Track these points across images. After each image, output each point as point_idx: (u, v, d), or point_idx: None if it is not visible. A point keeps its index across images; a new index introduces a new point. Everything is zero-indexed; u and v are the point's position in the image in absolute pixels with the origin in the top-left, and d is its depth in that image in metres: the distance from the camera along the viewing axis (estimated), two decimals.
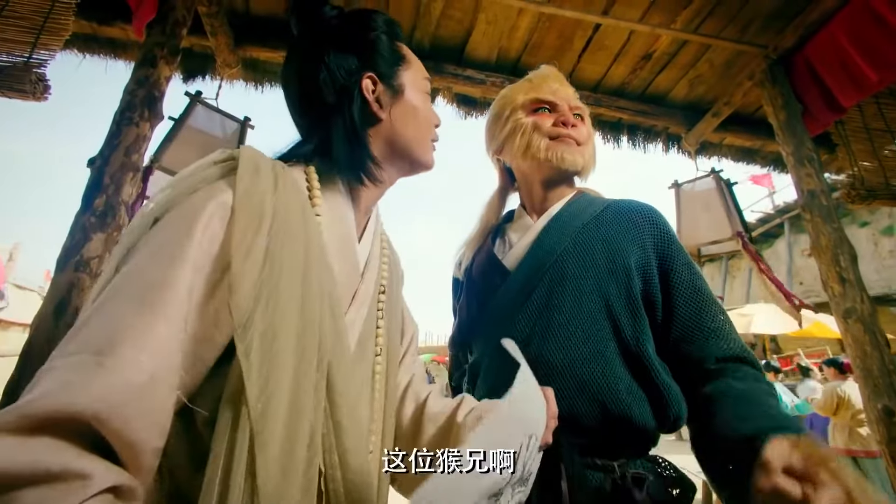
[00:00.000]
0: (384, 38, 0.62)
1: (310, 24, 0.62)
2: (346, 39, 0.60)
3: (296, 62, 0.62)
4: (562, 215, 0.79)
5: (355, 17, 0.63)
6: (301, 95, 0.61)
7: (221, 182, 0.46)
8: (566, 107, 0.82)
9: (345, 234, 0.58)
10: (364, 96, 0.59)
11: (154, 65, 1.53)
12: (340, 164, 0.57)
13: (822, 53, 2.01)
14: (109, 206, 1.31)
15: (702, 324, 0.68)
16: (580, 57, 2.37)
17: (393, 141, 0.61)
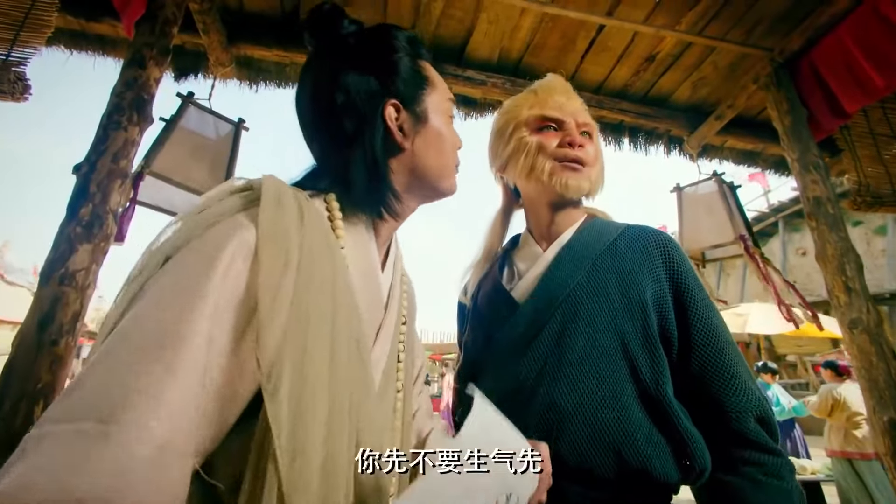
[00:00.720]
0: (407, 60, 0.57)
1: (326, 40, 0.57)
2: (367, 60, 0.56)
3: (310, 83, 0.57)
4: (573, 245, 0.75)
5: (376, 35, 0.58)
6: (316, 120, 0.57)
7: (242, 216, 0.42)
8: (573, 124, 0.77)
9: (369, 266, 0.55)
10: (386, 125, 0.54)
11: (143, 66, 1.46)
12: (359, 196, 0.53)
13: (828, 57, 1.98)
14: (96, 216, 1.25)
15: (720, 369, 0.64)
16: (583, 58, 2.32)
17: (416, 171, 0.57)
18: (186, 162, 1.78)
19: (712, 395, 0.63)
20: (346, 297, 0.46)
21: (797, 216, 13.05)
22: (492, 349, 0.72)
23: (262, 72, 2.38)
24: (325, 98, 0.54)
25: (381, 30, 0.59)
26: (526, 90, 0.85)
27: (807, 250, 12.93)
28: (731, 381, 0.63)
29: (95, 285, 1.23)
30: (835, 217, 1.83)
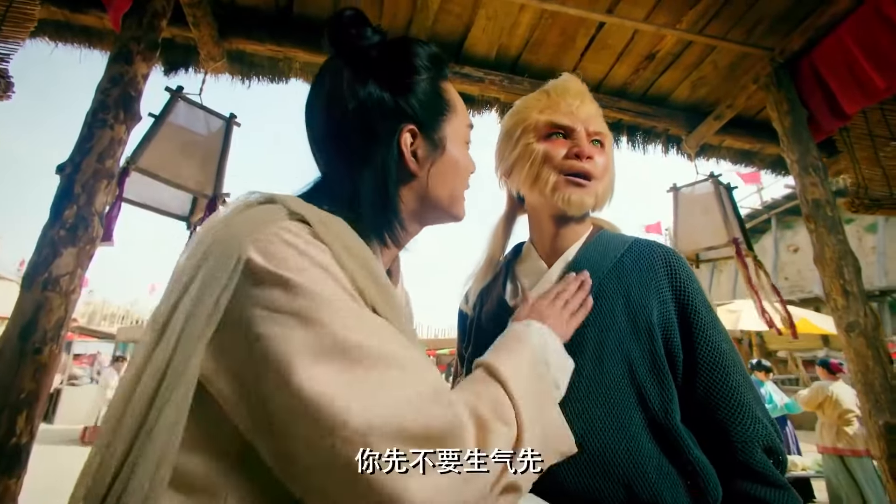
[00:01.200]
0: (428, 83, 0.54)
1: (346, 48, 0.54)
2: (387, 77, 0.52)
3: (325, 93, 0.54)
4: (579, 263, 0.71)
5: (398, 50, 0.55)
6: (327, 133, 0.54)
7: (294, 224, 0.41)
8: (583, 133, 0.73)
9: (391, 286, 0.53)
10: (401, 150, 0.52)
11: (130, 61, 1.40)
12: (365, 222, 0.50)
13: (828, 58, 1.96)
14: (81, 218, 1.20)
15: (726, 395, 0.62)
16: (582, 56, 2.29)
17: (426, 199, 0.55)
18: (175, 158, 1.73)
19: (718, 423, 0.61)
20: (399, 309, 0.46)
21: (790, 213, 13.19)
22: None
23: (255, 66, 2.32)
24: (340, 111, 0.51)
25: (404, 45, 0.55)
26: (539, 90, 0.81)
27: (799, 247, 13.06)
28: (739, 408, 0.61)
29: (81, 290, 1.19)
30: (833, 220, 1.82)
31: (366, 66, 0.52)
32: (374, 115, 0.51)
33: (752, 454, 0.59)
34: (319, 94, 0.54)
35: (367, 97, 0.51)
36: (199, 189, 1.74)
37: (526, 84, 2.37)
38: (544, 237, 0.77)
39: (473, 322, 0.80)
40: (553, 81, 0.80)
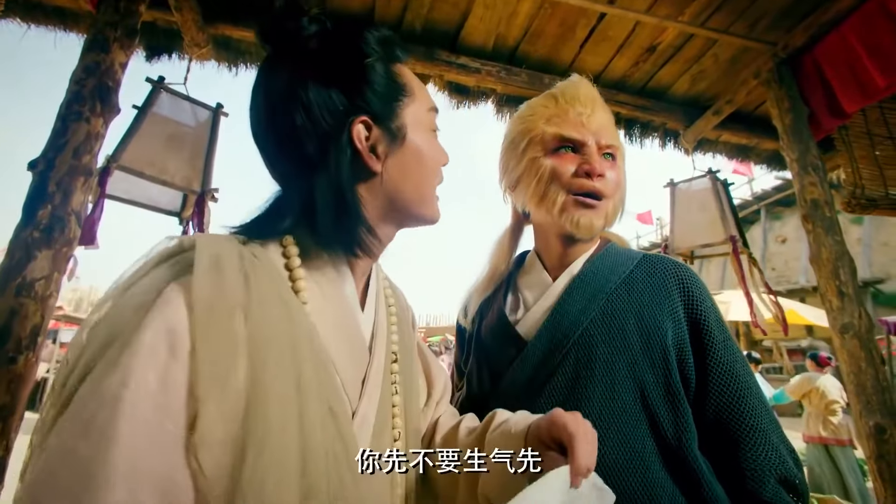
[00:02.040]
0: (379, 67, 0.48)
1: (282, 44, 0.48)
2: (331, 68, 0.46)
3: (264, 98, 0.48)
4: (586, 276, 0.68)
5: (341, 37, 0.49)
6: (272, 141, 0.48)
7: (173, 291, 0.35)
8: (594, 148, 0.68)
9: (343, 313, 0.48)
10: (355, 146, 0.46)
11: (106, 49, 1.31)
12: (326, 234, 0.46)
13: (831, 55, 1.93)
14: (56, 218, 1.13)
15: (738, 420, 0.59)
16: (582, 47, 2.23)
17: (391, 197, 0.49)
18: (160, 153, 1.65)
19: (729, 448, 0.58)
20: (314, 363, 0.40)
21: (779, 204, 13.31)
22: (499, 391, 0.66)
23: (242, 53, 2.22)
24: (282, 116, 0.46)
25: (347, 30, 0.49)
26: (546, 94, 0.76)
27: (787, 238, 13.23)
28: (752, 433, 0.58)
29: (58, 295, 1.13)
30: (831, 220, 1.81)
31: (305, 60, 0.47)
32: (320, 114, 0.45)
33: (762, 483, 0.56)
34: (259, 101, 0.48)
35: (309, 94, 0.45)
36: (187, 185, 1.67)
37: (524, 76, 2.30)
38: (551, 253, 0.74)
39: (472, 336, 0.77)
40: (562, 85, 0.75)
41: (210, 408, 0.31)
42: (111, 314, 0.35)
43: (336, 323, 0.46)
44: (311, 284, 0.46)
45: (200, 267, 0.36)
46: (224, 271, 0.36)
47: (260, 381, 0.34)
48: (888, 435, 1.59)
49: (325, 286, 0.47)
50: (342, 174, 0.45)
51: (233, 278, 0.37)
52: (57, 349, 10.07)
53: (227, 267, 0.37)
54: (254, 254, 0.41)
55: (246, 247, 0.42)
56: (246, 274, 0.38)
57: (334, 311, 0.47)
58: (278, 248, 0.46)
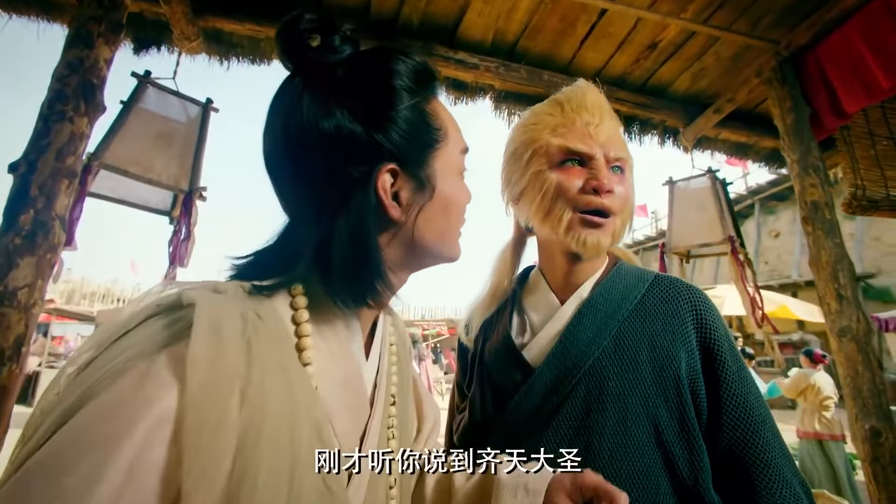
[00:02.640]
0: (413, 110, 0.43)
1: (305, 66, 0.43)
2: (360, 105, 0.41)
3: (282, 124, 0.42)
4: (596, 302, 0.65)
5: (374, 68, 0.43)
6: (287, 174, 0.43)
7: (164, 360, 0.30)
8: (602, 161, 0.64)
9: (348, 373, 0.44)
10: (379, 196, 0.42)
11: (90, 44, 1.26)
12: (340, 286, 0.42)
13: (834, 54, 1.90)
14: (39, 223, 1.08)
15: (752, 455, 0.56)
16: (582, 43, 2.18)
17: (413, 246, 0.45)
18: (146, 151, 1.60)
19: (741, 484, 0.56)
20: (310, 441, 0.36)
21: (773, 198, 13.38)
22: (503, 418, 0.64)
23: (234, 46, 2.15)
24: (301, 147, 0.41)
25: (380, 60, 0.44)
26: (551, 100, 0.72)
27: (780, 232, 13.33)
28: (765, 469, 0.56)
29: (43, 303, 1.09)
30: (832, 223, 1.80)
31: (332, 90, 0.42)
32: (344, 154, 0.41)
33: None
34: (276, 124, 0.43)
35: (334, 130, 0.40)
36: (174, 184, 1.62)
37: (523, 72, 2.26)
38: (556, 270, 0.70)
39: (476, 358, 0.74)
40: (568, 91, 0.72)
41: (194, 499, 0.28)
42: (90, 374, 0.31)
43: (340, 382, 0.43)
44: (317, 341, 0.42)
45: (199, 334, 0.31)
46: (225, 341, 0.32)
47: (251, 464, 0.31)
48: (883, 438, 1.59)
49: (333, 343, 0.43)
50: (366, 226, 0.41)
51: (234, 350, 0.32)
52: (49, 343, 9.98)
53: (229, 335, 0.32)
54: (258, 313, 0.36)
55: (251, 300, 0.38)
56: (249, 342, 0.33)
57: (339, 371, 0.43)
58: (286, 297, 0.42)
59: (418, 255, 0.46)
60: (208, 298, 0.34)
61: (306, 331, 0.41)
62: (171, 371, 0.30)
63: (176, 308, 0.34)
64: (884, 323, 5.27)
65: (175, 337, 0.32)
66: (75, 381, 0.31)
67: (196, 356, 0.30)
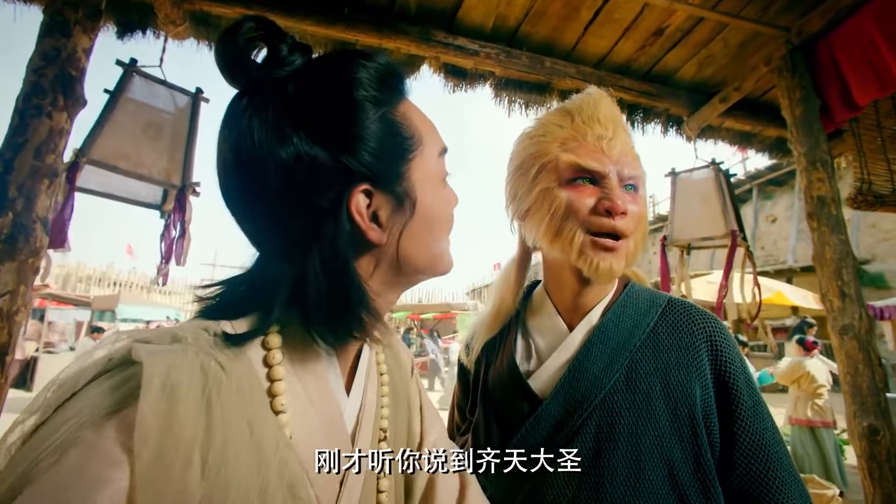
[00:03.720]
0: (379, 123, 0.38)
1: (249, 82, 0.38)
2: (316, 123, 0.36)
3: (233, 158, 0.37)
4: (606, 329, 0.61)
5: (329, 80, 0.38)
6: (248, 211, 0.39)
7: (111, 428, 0.27)
8: (615, 180, 0.60)
9: (325, 415, 0.40)
10: (355, 221, 0.38)
11: (66, 32, 1.18)
12: (318, 321, 0.38)
13: (847, 42, 1.84)
14: (19, 227, 1.03)
15: (767, 493, 0.54)
16: (586, 29, 2.10)
17: (399, 266, 0.42)
18: (135, 144, 1.53)
19: None
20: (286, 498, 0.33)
21: (771, 183, 13.34)
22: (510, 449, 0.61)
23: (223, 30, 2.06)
24: (257, 181, 0.36)
25: (334, 68, 0.39)
26: (560, 109, 0.67)
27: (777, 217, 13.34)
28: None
29: (28, 310, 1.05)
30: (837, 218, 1.77)
31: (285, 110, 0.37)
32: (307, 182, 0.36)
33: None
34: (227, 153, 0.38)
35: (292, 159, 0.36)
36: (166, 179, 1.56)
37: (524, 58, 2.18)
38: (564, 292, 0.66)
39: (479, 381, 0.70)
40: (578, 98, 0.66)
41: None
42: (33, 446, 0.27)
43: (318, 426, 0.39)
44: (292, 384, 0.38)
45: (147, 399, 0.27)
46: (179, 403, 0.28)
47: None
48: (881, 436, 1.60)
49: (310, 384, 0.40)
50: (337, 254, 0.37)
51: (190, 413, 0.29)
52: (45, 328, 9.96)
53: (184, 396, 0.29)
54: (221, 364, 0.33)
55: (215, 348, 0.34)
56: (209, 401, 0.30)
57: (317, 415, 0.39)
58: (258, 343, 0.38)
59: (407, 273, 0.43)
60: (161, 353, 0.30)
61: (278, 374, 0.37)
62: (119, 444, 0.26)
63: (126, 364, 0.30)
64: (878, 311, 5.31)
65: (123, 401, 0.28)
66: (19, 454, 0.28)
67: (145, 425, 0.27)
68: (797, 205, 12.03)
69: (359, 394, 0.45)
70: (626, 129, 0.65)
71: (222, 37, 0.37)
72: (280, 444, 0.34)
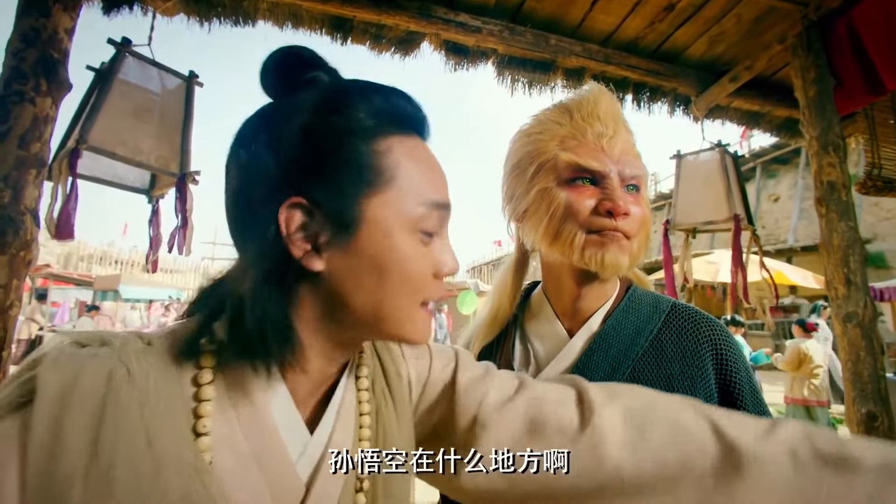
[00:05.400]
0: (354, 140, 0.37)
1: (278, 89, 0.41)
2: (274, 131, 0.38)
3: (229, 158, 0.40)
4: (608, 336, 0.59)
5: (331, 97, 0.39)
6: (226, 213, 0.40)
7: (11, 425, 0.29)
8: (616, 180, 0.57)
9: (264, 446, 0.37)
10: (280, 235, 0.35)
11: (45, 12, 1.11)
12: (250, 339, 0.35)
13: (871, 19, 1.75)
14: (8, 220, 1.00)
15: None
16: (593, 5, 2.01)
17: (343, 310, 0.38)
18: (131, 129, 1.47)
19: None
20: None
21: (775, 161, 13.18)
22: None
23: (214, 6, 1.96)
24: (228, 183, 0.39)
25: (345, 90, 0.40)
26: (558, 106, 0.64)
27: (780, 196, 13.23)
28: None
29: (20, 304, 1.03)
30: (847, 205, 1.73)
31: (269, 117, 0.40)
32: (252, 184, 0.38)
33: None
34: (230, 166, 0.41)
35: (248, 159, 0.38)
36: (164, 166, 1.51)
37: (528, 35, 2.10)
38: (563, 295, 0.64)
39: None
40: (577, 96, 0.63)
41: None
42: None
43: (249, 456, 0.36)
44: (223, 407, 0.36)
45: (40, 408, 0.28)
46: (65, 418, 0.28)
47: None
48: (878, 422, 1.61)
49: (243, 410, 0.37)
50: (260, 267, 0.36)
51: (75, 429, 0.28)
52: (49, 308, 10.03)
53: (73, 409, 0.29)
54: (129, 370, 0.32)
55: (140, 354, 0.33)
56: (101, 414, 0.29)
57: (249, 444, 0.36)
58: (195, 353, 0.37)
59: (345, 322, 0.39)
60: (66, 355, 0.31)
61: (207, 394, 0.35)
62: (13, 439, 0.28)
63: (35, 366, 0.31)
64: (878, 293, 5.32)
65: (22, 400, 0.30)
66: None
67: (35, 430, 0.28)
68: (800, 184, 11.91)
69: (326, 433, 0.41)
70: (627, 126, 0.62)
71: (265, 61, 0.40)
72: (192, 465, 0.32)
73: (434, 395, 0.49)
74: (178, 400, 0.34)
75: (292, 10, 1.98)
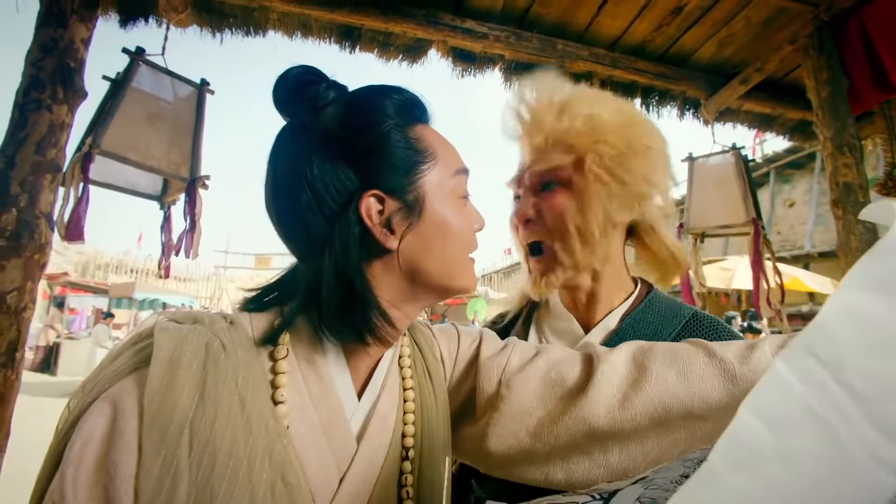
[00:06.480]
0: (395, 135, 0.44)
1: (296, 114, 0.45)
2: (338, 140, 0.43)
3: (272, 171, 0.45)
4: (625, 335, 0.59)
5: (356, 105, 0.45)
6: (279, 217, 0.45)
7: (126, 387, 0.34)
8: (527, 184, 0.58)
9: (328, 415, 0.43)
10: (364, 223, 0.42)
11: (63, 22, 1.15)
12: (329, 319, 0.41)
13: (881, 18, 1.72)
14: (24, 223, 1.02)
15: None
16: (600, 9, 2.01)
17: (413, 275, 0.44)
18: (143, 136, 1.50)
19: None
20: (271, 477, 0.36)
21: (789, 166, 12.95)
22: None
23: (226, 17, 2.02)
24: (287, 192, 0.43)
25: (365, 97, 0.45)
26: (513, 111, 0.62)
27: (795, 202, 12.98)
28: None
29: (34, 307, 1.05)
30: (864, 206, 1.68)
31: (315, 133, 0.44)
32: (326, 194, 0.42)
33: None
34: (269, 174, 0.46)
35: (314, 173, 0.42)
36: (175, 171, 1.54)
37: (535, 41, 2.11)
38: (577, 297, 0.63)
39: None
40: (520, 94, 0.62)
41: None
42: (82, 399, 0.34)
43: (316, 425, 0.42)
44: (295, 380, 0.42)
45: (156, 365, 0.33)
46: (178, 374, 0.34)
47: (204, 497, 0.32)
48: None
49: (312, 382, 0.43)
50: (348, 255, 0.41)
51: (186, 384, 0.34)
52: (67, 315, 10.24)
53: (183, 368, 0.34)
54: (224, 344, 0.37)
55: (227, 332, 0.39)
56: (205, 375, 0.35)
57: (317, 413, 0.42)
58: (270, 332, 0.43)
59: (421, 284, 0.45)
60: (173, 329, 0.37)
61: (282, 368, 0.41)
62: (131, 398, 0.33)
63: (148, 336, 0.37)
64: None
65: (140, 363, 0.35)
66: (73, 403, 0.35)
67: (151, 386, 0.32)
68: (815, 188, 11.68)
69: (370, 401, 0.47)
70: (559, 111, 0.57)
71: (278, 80, 0.44)
72: (274, 429, 0.37)
73: (462, 369, 0.55)
74: (260, 372, 0.39)
75: (302, 20, 2.02)
